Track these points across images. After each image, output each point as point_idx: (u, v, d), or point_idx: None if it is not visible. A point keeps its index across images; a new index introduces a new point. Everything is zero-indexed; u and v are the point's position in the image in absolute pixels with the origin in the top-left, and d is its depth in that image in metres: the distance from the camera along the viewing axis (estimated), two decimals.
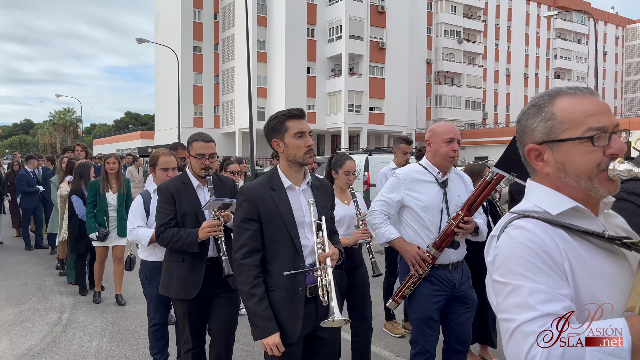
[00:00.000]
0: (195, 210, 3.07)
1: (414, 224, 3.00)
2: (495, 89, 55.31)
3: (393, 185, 3.05)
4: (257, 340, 2.29)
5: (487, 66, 54.01)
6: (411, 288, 2.97)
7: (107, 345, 4.73)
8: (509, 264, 1.09)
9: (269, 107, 41.59)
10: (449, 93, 51.08)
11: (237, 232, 2.34)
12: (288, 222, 2.31)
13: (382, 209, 3.04)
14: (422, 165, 3.07)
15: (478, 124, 51.21)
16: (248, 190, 2.36)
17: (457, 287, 3.02)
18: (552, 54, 59.81)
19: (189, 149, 3.14)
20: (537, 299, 1.02)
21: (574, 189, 1.17)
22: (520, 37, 56.63)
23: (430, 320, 2.98)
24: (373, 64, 41.50)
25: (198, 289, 3.03)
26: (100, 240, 5.81)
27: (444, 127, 3.06)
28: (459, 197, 3.03)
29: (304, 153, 2.33)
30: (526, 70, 57.56)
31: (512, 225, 1.15)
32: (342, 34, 40.02)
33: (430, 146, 3.04)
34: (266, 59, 41.45)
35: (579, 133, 1.14)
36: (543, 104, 1.21)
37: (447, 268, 2.99)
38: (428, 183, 3.00)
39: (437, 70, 50.67)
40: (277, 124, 2.36)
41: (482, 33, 53.22)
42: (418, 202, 2.97)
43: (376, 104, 41.47)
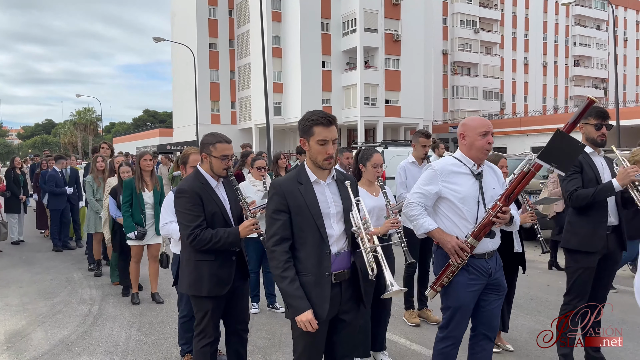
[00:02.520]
0: (221, 210, 3.16)
1: (452, 215, 3.06)
2: (513, 78, 54.66)
3: (430, 177, 3.10)
4: (292, 318, 2.50)
5: (504, 55, 53.38)
6: (450, 277, 3.03)
7: (135, 334, 4.97)
8: None
9: (284, 102, 41.78)
10: (466, 84, 50.66)
11: (269, 222, 2.54)
12: (314, 212, 2.51)
13: (419, 200, 3.09)
14: (457, 158, 3.13)
15: (496, 115, 50.70)
16: (278, 184, 2.57)
17: (492, 276, 3.09)
18: (572, 41, 58.82)
19: (210, 150, 3.18)
20: None
21: None
22: (538, 25, 55.81)
23: (465, 309, 3.06)
24: (388, 57, 41.36)
25: (230, 283, 3.16)
26: (138, 240, 5.79)
27: (478, 121, 3.12)
28: (493, 189, 3.10)
29: (323, 159, 2.53)
30: (545, 58, 56.74)
31: None
32: (356, 27, 39.95)
33: (465, 139, 3.09)
34: (281, 54, 41.61)
35: None
36: None
37: (483, 257, 3.06)
38: (464, 175, 3.06)
39: (454, 60, 50.27)
40: (306, 127, 2.54)
41: (499, 22, 52.59)
42: (455, 194, 3.03)
43: (392, 97, 41.37)
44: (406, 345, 4.52)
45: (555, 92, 58.12)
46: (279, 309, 5.61)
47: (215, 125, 44.62)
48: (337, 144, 2.67)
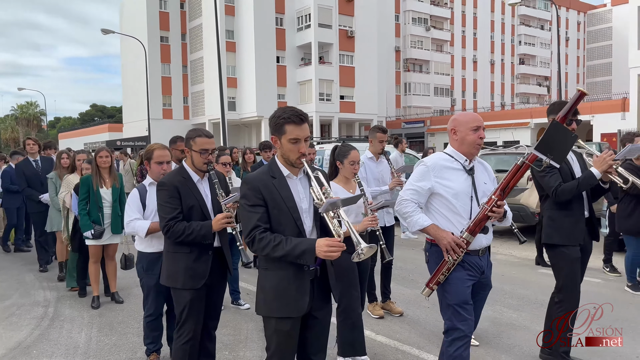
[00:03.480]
0: (200, 204, 3.23)
1: (445, 211, 3.04)
2: (462, 75, 56.15)
3: (422, 173, 3.08)
4: (265, 314, 2.54)
5: (454, 53, 54.74)
6: (445, 274, 2.98)
7: (96, 335, 4.83)
8: None
9: (239, 97, 41.37)
10: (418, 80, 51.69)
11: (247, 217, 2.48)
12: (290, 206, 2.50)
13: (412, 197, 3.05)
14: (448, 154, 3.11)
15: (447, 111, 51.96)
16: (251, 179, 2.54)
17: (484, 273, 3.09)
18: (517, 40, 60.99)
19: (190, 144, 3.26)
20: None
21: None
22: (485, 24, 57.53)
23: (466, 304, 3.00)
24: (343, 53, 41.64)
25: (205, 277, 3.19)
26: (95, 239, 5.55)
27: (469, 116, 3.12)
28: (484, 184, 3.11)
29: (296, 158, 2.51)
30: (492, 56, 58.57)
31: None
32: (311, 23, 39.99)
33: (457, 135, 3.08)
34: (235, 49, 41.16)
35: None
36: None
37: (477, 254, 3.05)
38: (456, 170, 3.05)
39: (406, 57, 51.17)
40: (278, 125, 2.50)
41: (449, 20, 53.90)
42: (449, 189, 3.01)
43: (347, 93, 41.70)
44: (372, 337, 4.61)
45: (502, 89, 60.14)
46: (243, 305, 5.60)
47: (168, 121, 43.66)
48: None
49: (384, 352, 4.30)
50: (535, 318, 4.93)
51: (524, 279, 6.72)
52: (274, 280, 2.51)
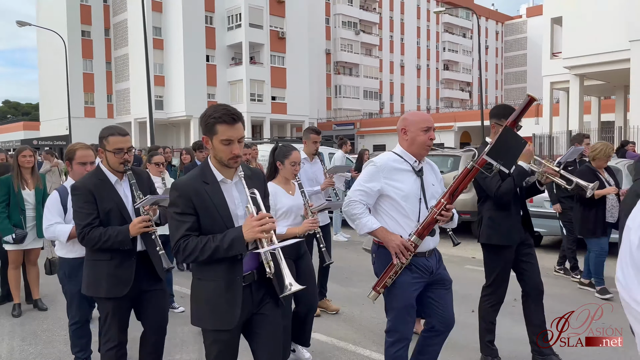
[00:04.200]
0: (119, 207, 3.04)
1: (394, 213, 2.98)
2: (390, 79, 57.74)
3: (371, 174, 2.99)
4: (199, 325, 2.43)
5: (383, 57, 56.21)
6: (393, 277, 2.93)
7: (19, 344, 4.54)
8: None
9: (167, 95, 40.22)
10: (348, 83, 52.62)
11: (175, 226, 2.33)
12: (224, 214, 2.35)
13: (361, 199, 2.96)
14: (398, 154, 3.04)
15: (376, 114, 53.27)
16: (181, 185, 2.37)
17: (434, 273, 3.06)
18: (441, 46, 63.62)
19: (103, 144, 3.05)
20: None
21: None
22: (412, 30, 59.53)
23: (411, 307, 3.00)
24: (274, 53, 41.59)
25: (130, 284, 3.01)
26: (17, 243, 5.20)
27: (420, 116, 3.06)
28: (432, 186, 3.08)
29: (228, 159, 2.34)
30: (418, 61, 60.69)
31: None
32: (241, 22, 39.64)
33: (407, 135, 3.01)
34: (163, 46, 39.97)
35: None
36: None
37: (424, 255, 3.01)
38: (405, 172, 3.00)
39: (336, 60, 51.93)
40: (209, 124, 2.34)
41: (378, 25, 55.29)
42: (398, 191, 2.95)
43: (278, 94, 41.68)
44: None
45: (428, 94, 62.48)
46: (177, 308, 5.47)
47: (90, 119, 41.58)
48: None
49: (322, 350, 4.35)
50: (465, 312, 5.17)
51: (453, 275, 7.01)
52: (205, 291, 2.38)
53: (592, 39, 19.03)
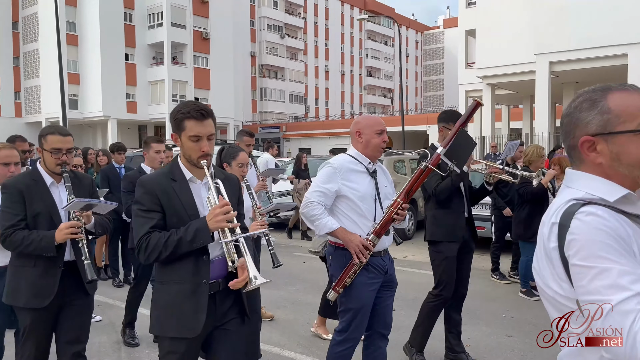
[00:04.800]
0: (49, 210, 2.82)
1: (351, 213, 3.04)
2: (315, 84, 58.38)
3: (329, 175, 3.05)
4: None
5: (308, 62, 56.72)
6: (352, 277, 2.97)
7: None
8: (590, 248, 1.15)
9: (82, 94, 38.20)
10: (273, 86, 52.60)
11: (139, 223, 2.22)
12: (191, 213, 2.26)
13: (319, 199, 3.00)
14: (352, 156, 3.12)
15: (301, 117, 53.64)
16: (147, 181, 2.29)
17: (387, 272, 3.13)
18: (364, 53, 65.26)
19: (41, 142, 2.87)
20: (627, 279, 1.10)
21: (625, 177, 1.25)
22: (336, 36, 60.59)
23: (367, 309, 3.04)
24: (197, 54, 40.75)
25: (52, 296, 2.79)
26: None
27: (373, 119, 3.16)
28: (385, 187, 3.17)
29: (197, 157, 2.25)
30: (343, 67, 61.85)
31: (582, 212, 1.19)
32: (163, 21, 38.49)
33: (362, 137, 3.09)
34: (77, 42, 37.93)
35: (634, 126, 1.21)
36: (597, 99, 1.26)
37: (380, 255, 3.08)
38: (360, 173, 3.08)
39: (262, 63, 51.76)
40: (177, 120, 2.27)
41: (303, 30, 55.76)
42: (355, 192, 3.02)
43: (202, 95, 40.83)
44: None
45: (352, 99, 63.81)
46: (94, 317, 5.22)
47: None
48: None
49: (264, 358, 4.21)
50: (410, 314, 5.31)
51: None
52: (168, 295, 2.25)
53: (502, 51, 20.36)
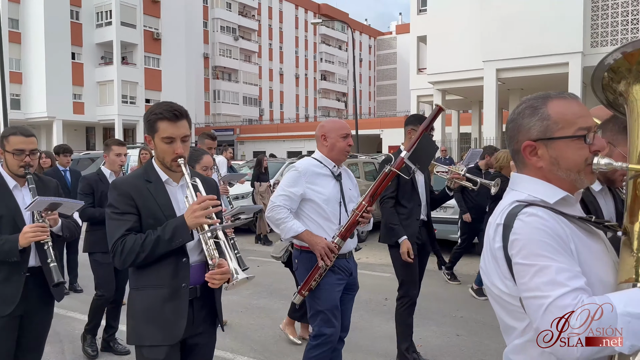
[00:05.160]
0: (13, 214, 2.71)
1: (316, 216, 3.07)
2: (270, 87, 58.20)
3: (294, 179, 3.07)
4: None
5: (262, 64, 56.49)
6: (317, 280, 2.99)
7: None
8: (530, 247, 1.21)
9: (25, 94, 36.59)
10: (227, 89, 52.07)
11: (113, 226, 2.13)
12: (169, 214, 2.17)
13: (284, 203, 3.01)
14: (318, 160, 3.15)
15: (255, 120, 53.33)
16: (121, 183, 2.21)
17: (352, 275, 3.17)
18: (319, 57, 65.62)
19: (3, 143, 2.73)
20: (564, 276, 1.16)
21: (563, 180, 1.32)
22: (291, 39, 60.65)
23: (336, 309, 3.06)
24: (148, 55, 39.83)
25: (15, 303, 2.67)
26: None
27: (339, 123, 3.20)
28: (350, 190, 3.21)
29: (171, 160, 2.18)
30: (297, 70, 61.94)
31: (524, 213, 1.26)
32: (112, 20, 37.42)
33: (327, 141, 3.12)
34: (20, 40, 36.30)
35: (572, 132, 1.29)
36: (538, 105, 1.34)
37: (345, 257, 3.12)
38: (325, 176, 3.11)
39: (215, 65, 51.15)
40: (150, 122, 2.19)
41: (257, 32, 55.49)
42: (320, 195, 3.05)
43: (153, 96, 39.90)
44: None
45: (307, 102, 64.00)
46: None
47: None
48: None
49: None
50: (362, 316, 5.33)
51: None
52: (145, 301, 2.15)
53: (452, 57, 20.94)
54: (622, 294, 1.15)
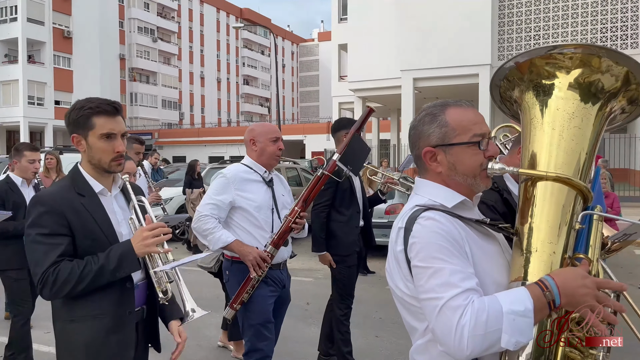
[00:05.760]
0: None
1: (247, 224, 2.92)
2: (190, 90, 56.84)
3: (222, 186, 2.91)
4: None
5: (182, 67, 55.07)
6: (250, 292, 2.83)
7: None
8: (426, 250, 1.25)
9: None
10: (145, 91, 50.20)
11: (41, 251, 1.81)
12: (109, 233, 1.91)
13: (212, 212, 2.84)
14: (247, 165, 3.02)
15: (175, 124, 51.85)
16: (49, 198, 1.89)
17: (285, 287, 3.05)
18: (241, 61, 65.04)
19: None
20: (457, 277, 1.20)
21: (460, 185, 1.38)
22: (212, 43, 59.62)
23: (269, 322, 2.92)
24: (58, 54, 37.57)
25: None
26: None
27: (268, 127, 3.09)
28: (282, 196, 3.09)
29: (110, 159, 1.92)
30: (219, 74, 60.97)
31: (422, 217, 1.30)
32: (17, 16, 34.97)
33: (256, 145, 2.99)
34: None
35: (467, 138, 1.35)
36: (437, 113, 1.40)
37: (278, 267, 2.99)
38: (256, 182, 2.98)
39: (132, 67, 49.17)
40: (81, 118, 1.91)
41: (177, 34, 54.05)
42: (251, 202, 2.91)
43: (63, 98, 37.63)
44: None
45: (229, 107, 63.13)
46: None
47: None
48: None
49: None
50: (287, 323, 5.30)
51: None
52: (85, 334, 1.87)
53: (372, 66, 21.56)
54: (508, 293, 1.21)
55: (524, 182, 1.42)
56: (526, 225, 1.36)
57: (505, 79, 1.52)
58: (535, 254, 1.31)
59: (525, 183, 1.42)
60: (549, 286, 1.18)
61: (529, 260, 1.30)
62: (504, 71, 1.51)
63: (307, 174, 12.78)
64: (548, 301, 1.17)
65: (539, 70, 1.43)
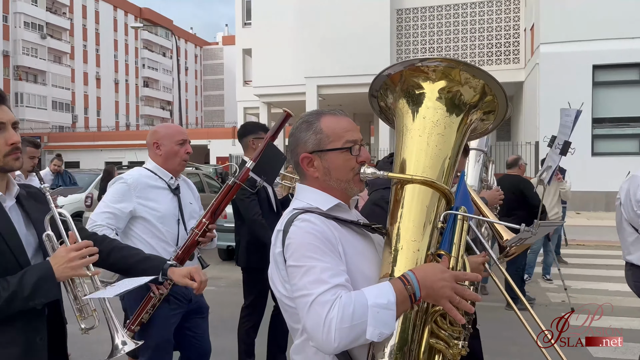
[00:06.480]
0: None
1: (148, 237, 2.66)
2: (85, 91, 53.63)
3: (122, 193, 2.62)
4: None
5: (75, 67, 51.86)
6: (150, 312, 2.57)
7: None
8: (300, 250, 1.32)
9: None
10: (33, 91, 46.57)
11: None
12: (14, 245, 1.62)
13: (109, 222, 2.55)
14: (150, 170, 2.74)
15: (68, 127, 48.55)
16: None
17: (192, 301, 2.80)
18: (141, 63, 62.45)
19: None
20: (327, 274, 1.27)
21: (335, 189, 1.47)
22: (109, 42, 56.71)
23: (168, 343, 2.71)
24: None
25: None
26: None
27: (174, 129, 2.84)
28: (190, 204, 2.86)
29: (5, 153, 1.63)
30: (116, 76, 58.09)
31: (298, 219, 1.37)
32: None
33: (160, 149, 2.72)
34: None
35: (340, 144, 1.44)
36: (312, 121, 1.48)
37: None
38: (161, 189, 2.71)
39: (17, 64, 45.40)
40: None
41: (69, 31, 50.80)
42: (154, 212, 2.65)
43: None
44: None
45: (127, 110, 60.29)
46: None
47: None
48: None
49: None
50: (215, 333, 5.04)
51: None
52: None
53: (276, 71, 21.68)
54: (374, 287, 1.29)
55: (394, 186, 1.52)
56: (395, 225, 1.45)
57: (380, 90, 1.62)
58: (401, 251, 1.40)
59: (395, 186, 1.51)
60: (410, 280, 1.26)
61: (396, 258, 1.40)
62: (379, 82, 1.61)
63: (211, 180, 12.45)
64: (409, 294, 1.25)
65: (409, 81, 1.55)
